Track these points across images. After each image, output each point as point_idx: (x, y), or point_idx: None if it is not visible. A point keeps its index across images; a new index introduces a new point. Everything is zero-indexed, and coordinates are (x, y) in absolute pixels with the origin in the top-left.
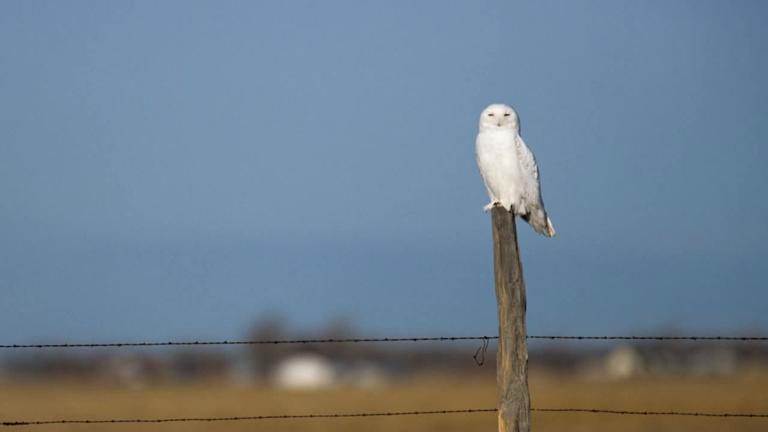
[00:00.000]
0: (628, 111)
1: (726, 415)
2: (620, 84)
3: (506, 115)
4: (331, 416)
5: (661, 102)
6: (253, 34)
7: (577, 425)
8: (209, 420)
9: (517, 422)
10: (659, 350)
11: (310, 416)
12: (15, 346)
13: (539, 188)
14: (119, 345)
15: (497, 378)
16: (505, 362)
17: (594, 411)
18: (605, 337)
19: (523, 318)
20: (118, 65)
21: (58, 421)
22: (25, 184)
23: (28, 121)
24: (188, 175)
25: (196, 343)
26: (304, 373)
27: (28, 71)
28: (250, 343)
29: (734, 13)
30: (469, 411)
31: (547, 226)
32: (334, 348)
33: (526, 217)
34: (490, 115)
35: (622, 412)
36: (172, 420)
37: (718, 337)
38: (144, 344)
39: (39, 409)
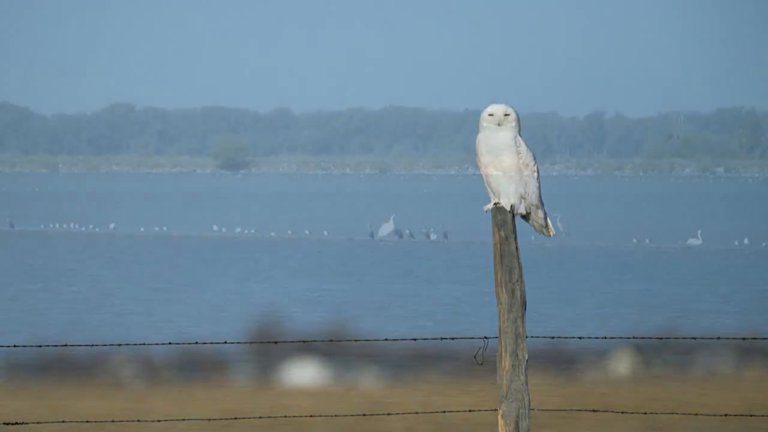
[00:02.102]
0: (628, 111)
1: (726, 415)
2: (620, 84)
3: (506, 115)
4: (331, 416)
5: (660, 102)
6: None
7: (577, 425)
8: (209, 420)
9: (517, 422)
10: (659, 350)
11: (310, 416)
12: (15, 346)
13: (539, 188)
14: (119, 345)
15: (497, 378)
16: (505, 362)
17: (594, 411)
18: (605, 337)
19: (523, 318)
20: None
21: (58, 421)
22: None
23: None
24: (188, 174)
25: (196, 343)
26: (304, 373)
27: None
28: (250, 343)
29: (739, 14)
30: (469, 411)
31: (547, 226)
32: (334, 348)
33: (526, 217)
34: (490, 115)
35: (622, 412)
36: (172, 420)
37: (718, 337)
38: (144, 344)
39: (39, 409)
